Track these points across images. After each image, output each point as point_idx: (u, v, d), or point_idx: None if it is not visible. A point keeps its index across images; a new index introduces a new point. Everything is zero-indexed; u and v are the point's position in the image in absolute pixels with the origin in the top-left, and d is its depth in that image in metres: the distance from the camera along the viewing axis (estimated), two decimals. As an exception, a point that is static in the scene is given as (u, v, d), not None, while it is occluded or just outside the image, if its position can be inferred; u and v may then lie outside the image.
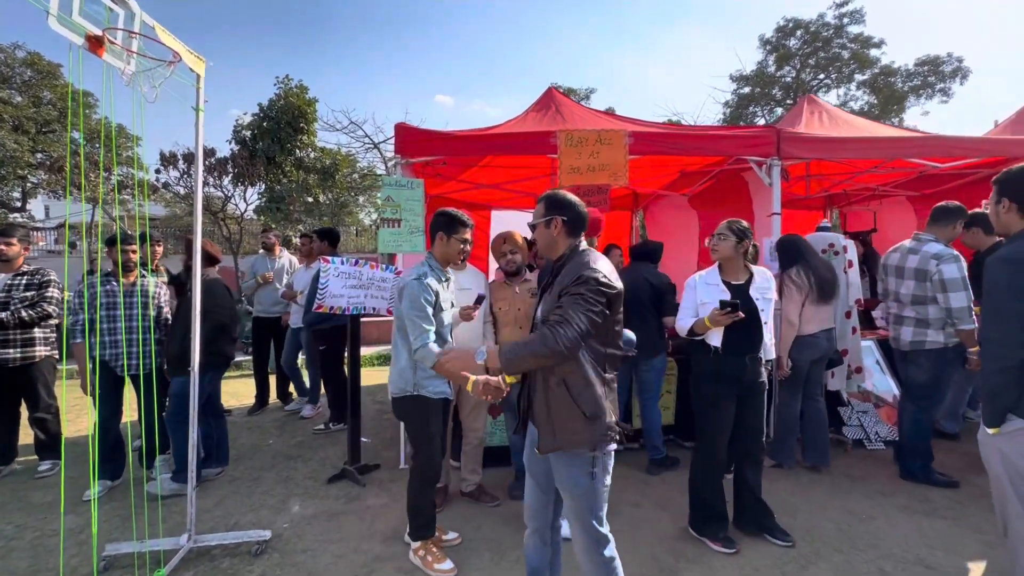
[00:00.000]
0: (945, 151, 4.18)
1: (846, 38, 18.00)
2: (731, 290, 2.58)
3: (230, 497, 3.24)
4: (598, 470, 1.71)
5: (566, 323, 1.57)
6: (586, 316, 1.59)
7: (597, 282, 1.63)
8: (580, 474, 1.70)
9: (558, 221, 1.78)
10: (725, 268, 2.66)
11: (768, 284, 2.63)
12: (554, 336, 1.56)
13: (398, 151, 3.69)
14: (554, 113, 4.54)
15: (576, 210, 1.80)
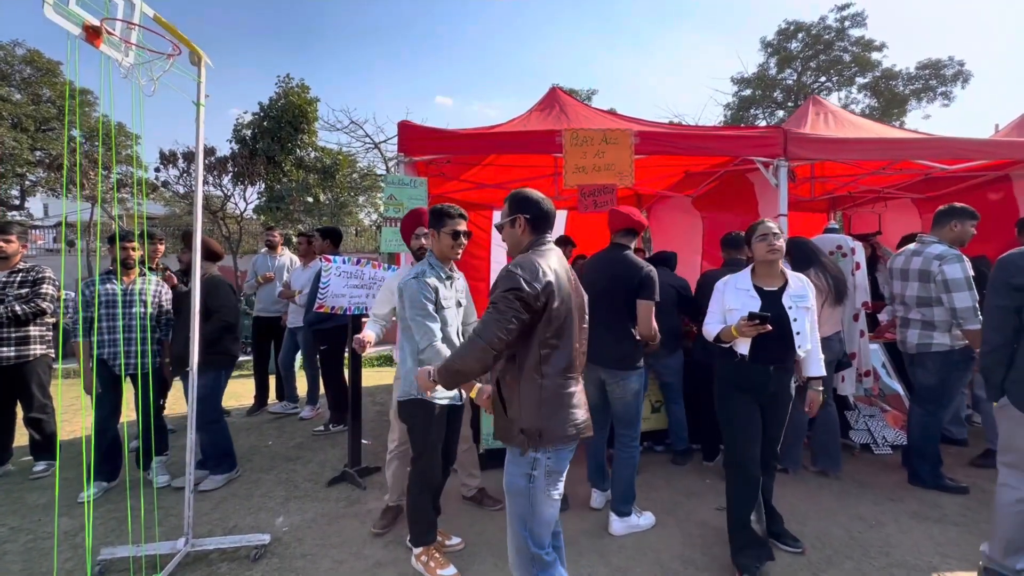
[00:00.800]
0: (952, 153, 4.14)
1: (847, 41, 17.99)
2: (763, 297, 2.34)
3: (228, 499, 3.18)
4: (538, 474, 1.64)
5: (483, 332, 1.58)
6: (504, 322, 1.56)
7: (516, 282, 1.58)
8: (517, 473, 1.67)
9: (521, 219, 1.76)
10: (759, 272, 2.42)
11: (805, 292, 2.36)
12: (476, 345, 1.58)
13: (401, 149, 3.64)
14: (558, 113, 4.50)
15: (539, 207, 1.76)
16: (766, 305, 2.30)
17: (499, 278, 1.63)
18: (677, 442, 3.69)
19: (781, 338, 2.29)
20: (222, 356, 3.32)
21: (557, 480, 1.70)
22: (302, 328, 4.64)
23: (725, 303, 2.44)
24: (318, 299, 3.24)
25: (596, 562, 2.46)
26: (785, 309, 2.31)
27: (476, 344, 1.57)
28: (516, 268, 1.61)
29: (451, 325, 2.36)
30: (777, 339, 2.27)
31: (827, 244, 3.73)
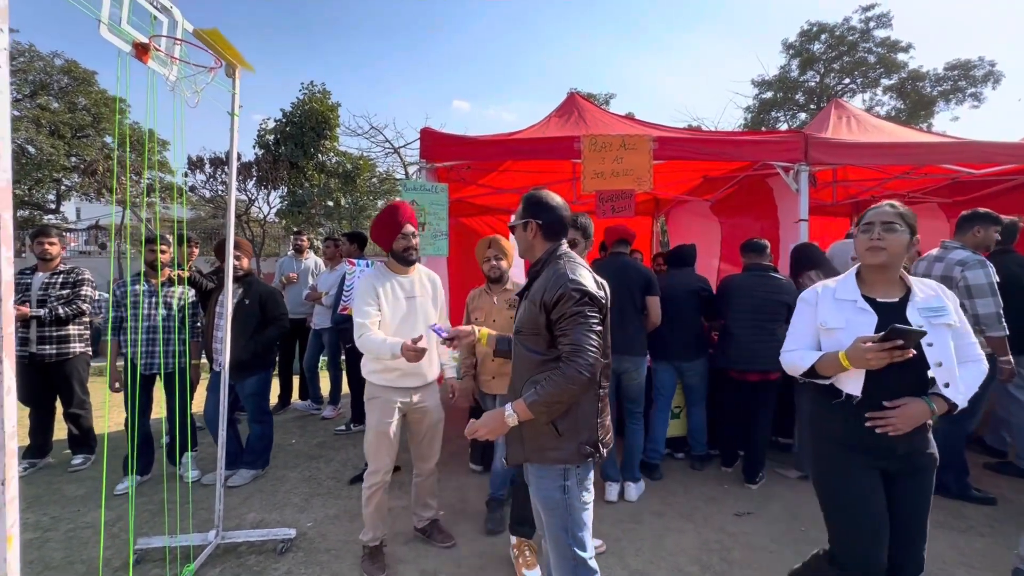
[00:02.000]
0: (980, 156, 4.07)
1: (872, 42, 17.66)
2: (877, 311, 1.65)
3: (255, 495, 3.29)
4: (571, 483, 1.60)
5: (579, 351, 1.49)
6: (593, 334, 1.52)
7: (584, 293, 1.53)
8: (551, 487, 1.61)
9: (533, 224, 1.68)
10: (866, 277, 1.73)
11: (941, 303, 1.64)
12: (575, 368, 1.48)
13: (423, 156, 3.73)
14: (576, 118, 4.55)
15: (554, 213, 1.68)
16: (886, 321, 1.59)
17: (562, 292, 1.52)
18: (696, 447, 3.68)
19: (910, 371, 1.58)
20: (272, 357, 3.62)
21: (589, 487, 1.67)
22: (328, 329, 4.76)
23: (819, 320, 1.74)
24: (343, 301, 3.34)
25: (614, 564, 2.49)
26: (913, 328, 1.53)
27: (569, 371, 1.48)
28: (574, 279, 1.54)
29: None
30: (904, 373, 1.57)
31: (849, 250, 3.70)
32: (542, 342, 1.59)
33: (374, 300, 2.31)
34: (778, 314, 3.26)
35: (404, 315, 2.38)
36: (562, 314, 1.52)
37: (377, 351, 2.21)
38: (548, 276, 1.60)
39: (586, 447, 1.59)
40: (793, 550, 2.59)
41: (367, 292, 2.32)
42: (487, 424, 1.61)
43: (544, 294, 1.56)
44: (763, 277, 3.33)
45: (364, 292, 2.33)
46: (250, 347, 3.29)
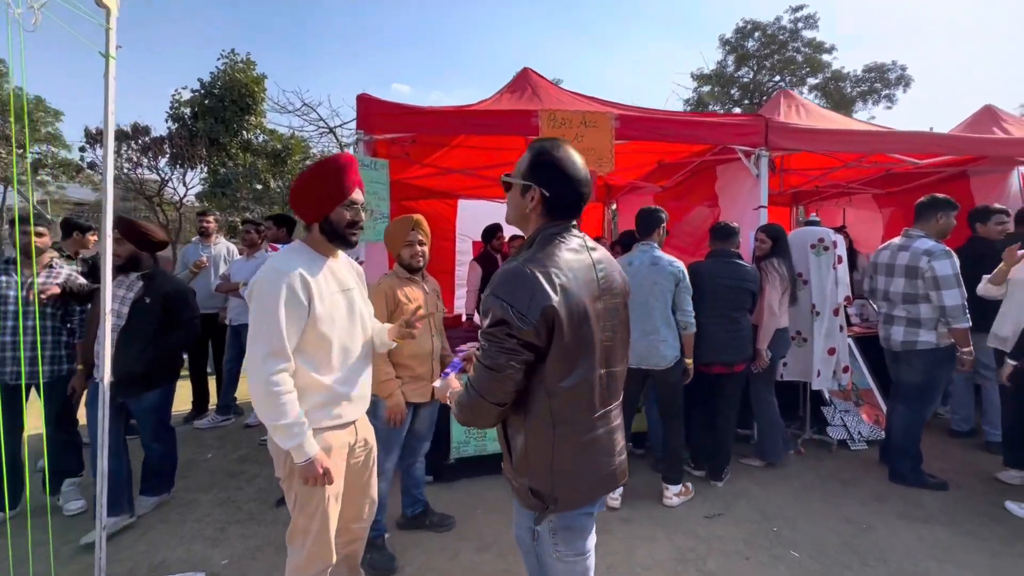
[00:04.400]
0: (923, 147, 4.15)
1: (800, 42, 18.54)
2: None
3: (156, 527, 2.74)
4: (542, 529, 1.27)
5: (476, 374, 1.20)
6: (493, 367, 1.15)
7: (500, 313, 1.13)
8: (522, 525, 1.35)
9: (537, 194, 1.24)
10: None
11: None
12: (470, 385, 1.21)
13: (361, 126, 3.25)
14: (531, 95, 4.20)
15: (571, 186, 1.24)
16: None
17: (486, 300, 1.19)
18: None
19: None
20: (178, 365, 2.98)
21: (574, 539, 1.29)
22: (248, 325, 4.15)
23: None
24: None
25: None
26: None
27: (472, 398, 1.20)
28: (504, 293, 1.14)
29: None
30: None
31: (809, 237, 3.64)
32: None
33: (299, 310, 1.52)
34: (741, 303, 3.11)
35: (345, 321, 1.67)
36: (482, 323, 1.20)
37: (285, 433, 1.50)
38: (505, 268, 1.20)
39: (531, 495, 1.24)
40: (768, 554, 2.44)
41: (288, 296, 1.50)
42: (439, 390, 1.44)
43: (487, 292, 1.19)
44: (727, 264, 3.16)
45: (279, 294, 1.49)
46: (147, 356, 2.67)
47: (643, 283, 2.85)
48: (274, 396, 1.49)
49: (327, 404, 1.63)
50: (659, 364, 2.85)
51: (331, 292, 1.64)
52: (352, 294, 1.74)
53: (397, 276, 2.35)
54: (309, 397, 1.58)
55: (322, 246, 1.69)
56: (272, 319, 1.49)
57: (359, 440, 1.79)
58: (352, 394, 1.70)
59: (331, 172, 1.62)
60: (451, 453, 3.25)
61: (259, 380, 1.49)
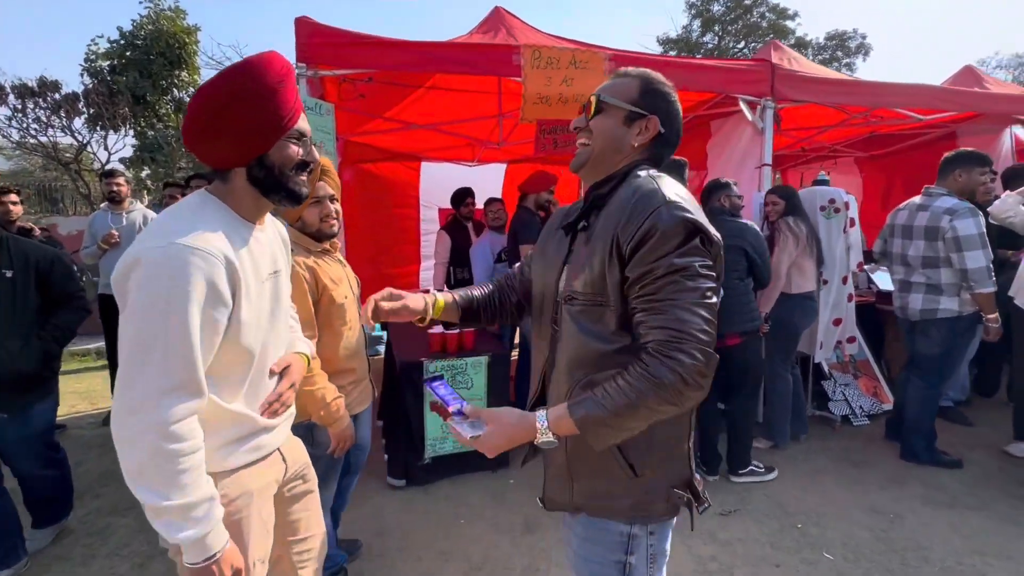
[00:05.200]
0: (929, 102, 3.86)
1: (765, 7, 18.36)
2: None
3: (55, 565, 2.17)
4: (637, 558, 1.01)
5: (684, 339, 0.83)
6: (705, 309, 0.86)
7: (697, 230, 0.89)
8: (604, 560, 1.02)
9: (653, 125, 1.00)
10: None
11: None
12: (673, 370, 0.83)
13: (301, 57, 2.60)
14: (505, 36, 3.61)
15: (680, 124, 1.05)
16: None
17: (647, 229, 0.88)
18: None
19: None
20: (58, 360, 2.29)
21: (662, 552, 1.05)
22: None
23: None
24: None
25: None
26: None
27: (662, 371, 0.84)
28: (676, 202, 0.89)
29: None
30: None
31: (819, 198, 3.30)
32: (609, 317, 0.94)
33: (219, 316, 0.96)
34: (736, 264, 2.72)
35: (267, 320, 1.11)
36: (649, 269, 0.87)
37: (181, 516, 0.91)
38: (625, 199, 0.94)
39: (678, 492, 0.99)
40: (800, 559, 2.14)
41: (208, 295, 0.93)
42: (501, 436, 0.92)
43: (618, 229, 0.91)
44: (717, 221, 2.76)
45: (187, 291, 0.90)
46: (36, 350, 2.06)
47: None
48: (170, 458, 0.89)
49: (242, 439, 1.08)
50: None
51: (259, 282, 1.07)
52: (279, 278, 1.17)
53: (307, 249, 1.68)
54: (216, 433, 1.02)
55: (248, 205, 1.07)
56: (174, 332, 0.90)
57: (289, 467, 1.26)
58: (274, 419, 1.16)
59: (262, 85, 0.98)
60: (425, 452, 2.79)
61: (143, 430, 0.88)
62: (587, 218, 1.01)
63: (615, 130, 1.01)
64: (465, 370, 2.80)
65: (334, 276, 1.70)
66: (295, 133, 1.04)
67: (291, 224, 1.68)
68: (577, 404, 0.88)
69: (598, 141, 1.01)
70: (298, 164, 1.06)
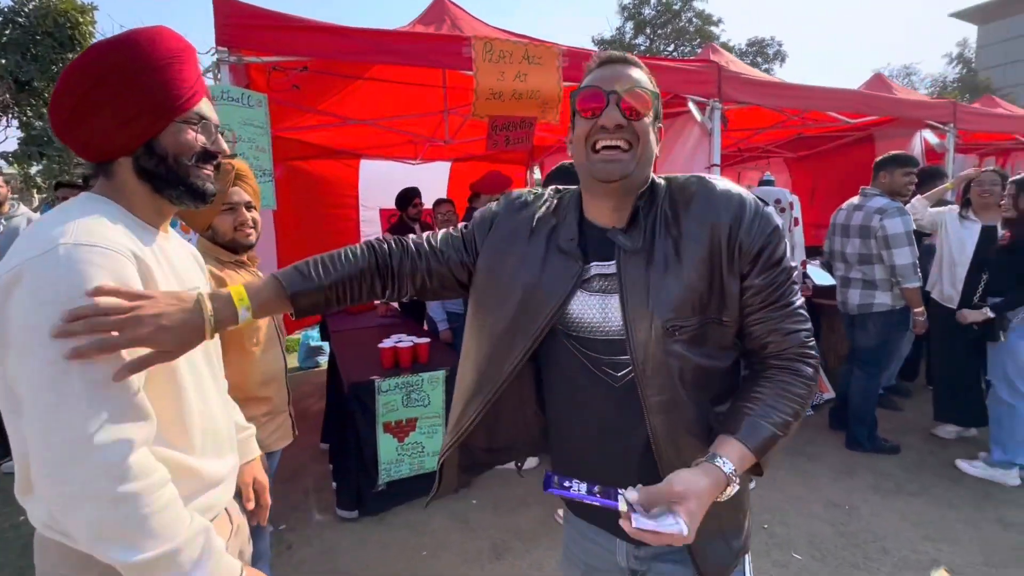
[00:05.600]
0: (855, 106, 4.09)
1: (692, 12, 19.21)
2: None
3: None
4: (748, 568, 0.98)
5: (808, 340, 0.85)
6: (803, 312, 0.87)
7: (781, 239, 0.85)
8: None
9: (660, 130, 0.89)
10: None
11: None
12: (814, 371, 0.84)
13: (222, 42, 2.27)
14: (450, 27, 3.42)
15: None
16: None
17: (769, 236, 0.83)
18: None
19: None
20: None
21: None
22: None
23: None
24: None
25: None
26: None
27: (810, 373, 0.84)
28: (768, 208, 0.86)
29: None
30: None
31: (765, 198, 3.39)
32: (726, 334, 0.85)
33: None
34: None
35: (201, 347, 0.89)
36: (774, 274, 0.83)
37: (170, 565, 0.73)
38: (706, 200, 0.83)
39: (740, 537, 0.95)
40: (770, 561, 2.14)
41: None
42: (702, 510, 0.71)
43: (731, 235, 0.81)
44: None
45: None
46: None
47: None
48: (130, 502, 0.70)
49: (190, 495, 0.86)
50: None
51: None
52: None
53: (217, 259, 1.45)
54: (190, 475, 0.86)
55: (142, 205, 0.87)
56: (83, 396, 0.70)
57: (234, 530, 1.03)
58: (222, 469, 0.95)
59: (148, 57, 0.80)
60: (379, 477, 2.55)
61: (88, 479, 0.69)
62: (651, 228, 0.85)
63: (651, 134, 0.84)
64: (421, 386, 2.59)
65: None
66: (194, 116, 0.86)
67: (200, 233, 1.43)
68: (748, 434, 0.77)
69: (644, 152, 0.83)
70: (199, 154, 0.87)
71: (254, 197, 1.51)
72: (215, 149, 0.89)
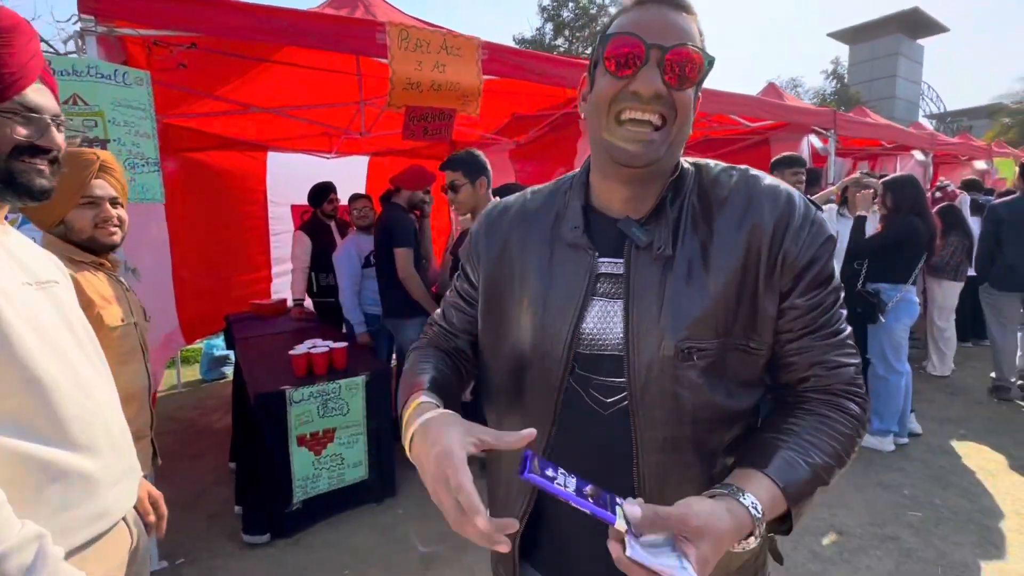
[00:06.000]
0: (755, 111, 4.42)
1: (607, 17, 19.90)
2: None
3: None
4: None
5: (858, 376, 0.69)
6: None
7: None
8: None
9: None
10: None
11: None
12: (864, 412, 0.69)
13: (86, 9, 1.94)
14: (364, 15, 3.24)
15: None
16: None
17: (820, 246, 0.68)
18: None
19: None
20: None
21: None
22: None
23: None
24: None
25: None
26: None
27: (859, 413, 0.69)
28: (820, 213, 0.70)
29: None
30: None
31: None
32: (747, 369, 0.69)
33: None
34: None
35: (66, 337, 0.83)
36: (820, 301, 0.67)
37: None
38: (746, 197, 0.68)
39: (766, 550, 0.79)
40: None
41: None
42: (718, 552, 0.54)
43: (776, 241, 0.66)
44: None
45: None
46: None
47: None
48: None
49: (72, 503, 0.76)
50: None
51: (21, 283, 0.79)
52: (57, 292, 0.86)
53: (69, 259, 1.21)
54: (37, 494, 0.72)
55: None
56: None
57: (132, 548, 0.91)
58: (114, 468, 0.85)
59: None
60: (294, 495, 2.35)
61: None
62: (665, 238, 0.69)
63: (691, 106, 0.68)
64: (339, 394, 2.42)
65: (105, 293, 1.27)
66: (15, 107, 0.77)
67: (47, 230, 1.23)
68: (782, 472, 0.61)
69: (681, 124, 0.67)
70: (18, 147, 0.77)
71: (121, 193, 1.33)
72: (44, 144, 0.79)
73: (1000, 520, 2.36)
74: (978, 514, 2.41)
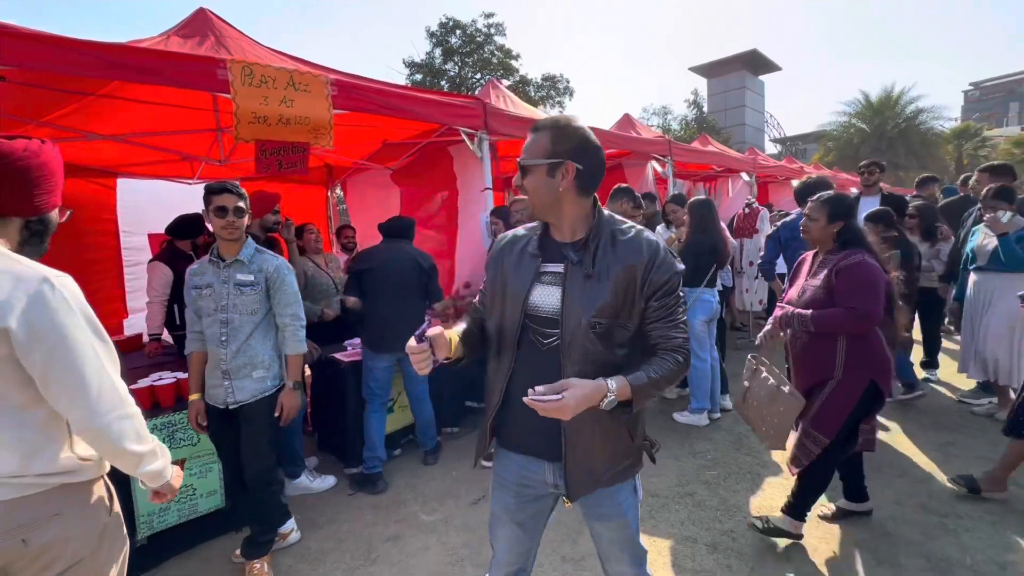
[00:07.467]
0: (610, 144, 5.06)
1: (494, 45, 20.92)
2: None
3: None
4: (638, 482, 1.41)
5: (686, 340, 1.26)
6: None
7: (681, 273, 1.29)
8: (629, 500, 1.36)
9: (571, 169, 1.19)
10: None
11: None
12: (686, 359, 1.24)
13: None
14: (214, 44, 3.28)
15: (599, 154, 1.24)
16: None
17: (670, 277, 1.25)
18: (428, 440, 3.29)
19: None
20: None
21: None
22: None
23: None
24: None
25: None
26: None
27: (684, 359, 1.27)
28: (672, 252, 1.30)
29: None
30: None
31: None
32: (623, 336, 1.23)
33: None
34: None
35: None
36: (667, 302, 1.23)
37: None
38: (634, 246, 1.23)
39: (647, 441, 1.37)
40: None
41: None
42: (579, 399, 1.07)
43: (644, 274, 1.21)
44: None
45: None
46: None
47: None
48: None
49: None
50: None
51: None
52: None
53: None
54: None
55: None
56: None
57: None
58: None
59: None
60: (138, 532, 2.30)
61: None
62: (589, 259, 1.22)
63: (543, 184, 1.21)
64: (186, 424, 2.42)
65: None
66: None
67: None
68: (634, 377, 1.14)
69: (534, 197, 1.24)
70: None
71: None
72: None
73: (774, 471, 2.97)
74: (758, 467, 3.01)
